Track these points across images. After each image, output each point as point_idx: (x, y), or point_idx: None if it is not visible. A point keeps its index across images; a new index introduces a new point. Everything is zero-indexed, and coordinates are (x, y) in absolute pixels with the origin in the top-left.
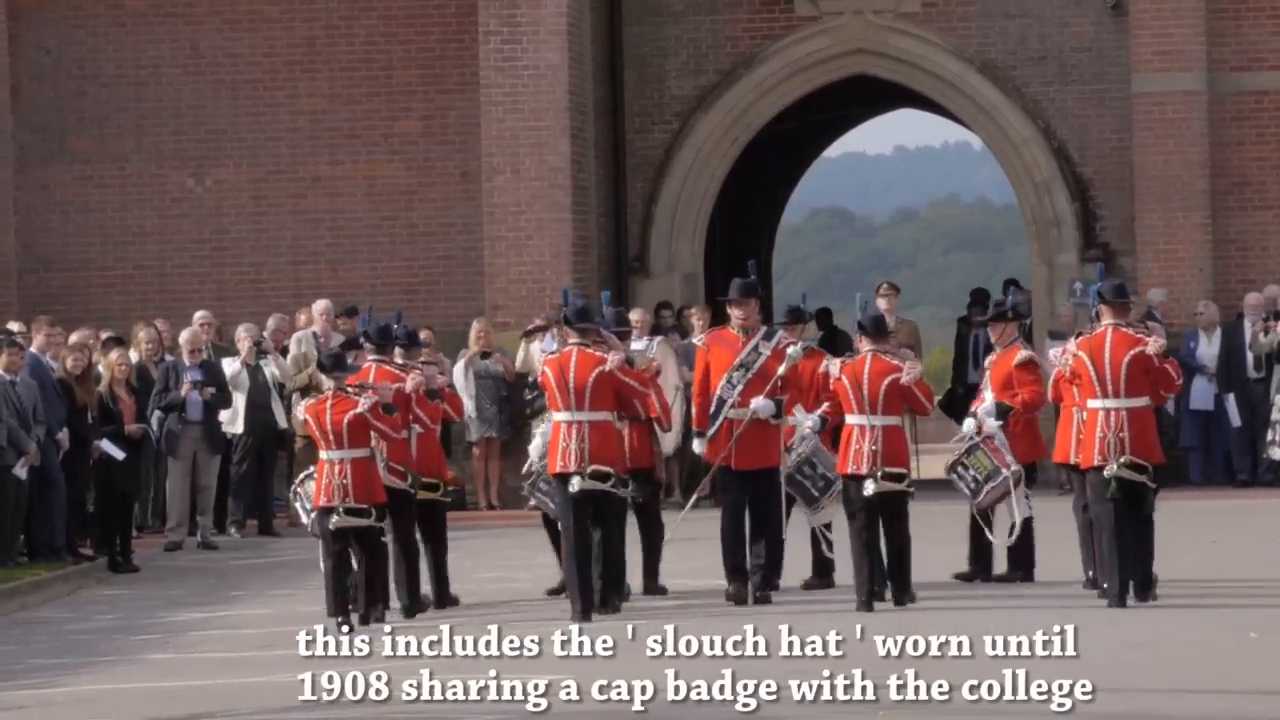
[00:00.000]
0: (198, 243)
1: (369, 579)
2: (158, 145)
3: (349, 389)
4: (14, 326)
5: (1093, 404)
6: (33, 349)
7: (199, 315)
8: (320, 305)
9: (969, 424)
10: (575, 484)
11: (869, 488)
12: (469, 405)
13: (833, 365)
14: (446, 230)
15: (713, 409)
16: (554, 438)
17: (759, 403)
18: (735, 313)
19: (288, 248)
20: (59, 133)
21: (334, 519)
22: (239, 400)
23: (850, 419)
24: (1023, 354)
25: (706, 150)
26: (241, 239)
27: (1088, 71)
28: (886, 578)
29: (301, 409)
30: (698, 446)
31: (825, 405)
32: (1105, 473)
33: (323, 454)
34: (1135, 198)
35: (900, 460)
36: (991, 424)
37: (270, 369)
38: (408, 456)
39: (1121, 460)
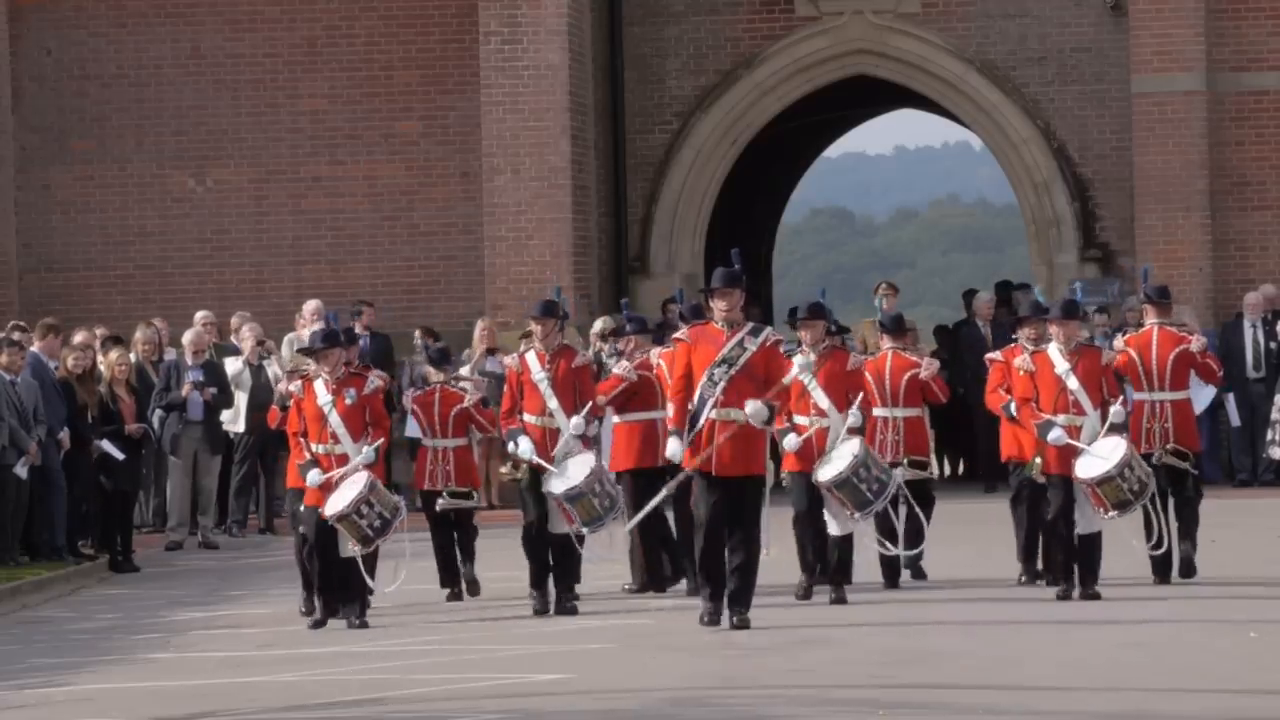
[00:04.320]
0: (199, 243)
1: (464, 553)
2: (158, 145)
3: (455, 382)
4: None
5: (1138, 396)
6: (33, 349)
7: (200, 315)
8: (311, 305)
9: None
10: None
11: (899, 474)
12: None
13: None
14: (447, 230)
15: (693, 409)
16: None
17: (753, 407)
18: (718, 304)
19: (289, 248)
20: (60, 133)
21: (440, 501)
22: (241, 399)
23: (876, 411)
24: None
25: (706, 150)
26: (242, 239)
27: (1088, 71)
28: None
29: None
30: (673, 448)
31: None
32: (1153, 460)
33: (426, 441)
34: (1135, 198)
35: (922, 449)
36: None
37: (273, 368)
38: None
39: (1167, 448)
